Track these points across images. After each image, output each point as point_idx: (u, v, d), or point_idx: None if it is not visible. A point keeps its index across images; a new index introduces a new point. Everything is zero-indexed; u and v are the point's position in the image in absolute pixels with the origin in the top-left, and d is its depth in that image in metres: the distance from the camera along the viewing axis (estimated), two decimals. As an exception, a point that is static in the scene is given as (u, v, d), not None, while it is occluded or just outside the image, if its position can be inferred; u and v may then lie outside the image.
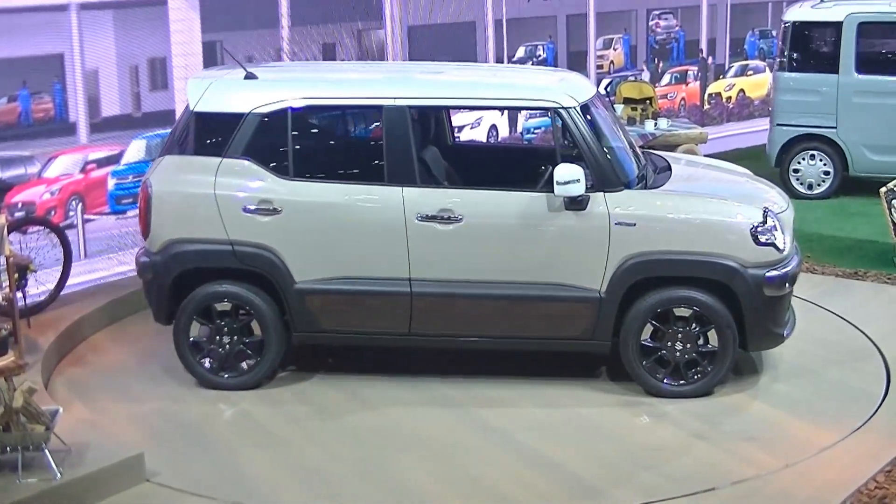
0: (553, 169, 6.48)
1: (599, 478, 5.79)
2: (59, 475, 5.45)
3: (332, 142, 7.32)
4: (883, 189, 9.33)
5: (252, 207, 6.75)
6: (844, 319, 8.00)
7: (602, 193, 6.57)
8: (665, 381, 6.72)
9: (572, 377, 7.02)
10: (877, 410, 6.52)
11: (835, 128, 11.77)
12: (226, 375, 6.96)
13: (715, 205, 6.72)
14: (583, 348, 6.87)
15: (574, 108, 6.71)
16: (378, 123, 6.92)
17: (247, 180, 6.79)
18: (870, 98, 11.60)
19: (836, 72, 11.71)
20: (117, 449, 5.84)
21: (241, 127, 6.81)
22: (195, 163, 6.88)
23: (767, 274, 6.56)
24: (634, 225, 6.54)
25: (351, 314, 6.85)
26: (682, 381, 6.71)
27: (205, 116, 6.90)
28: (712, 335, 6.65)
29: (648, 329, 6.67)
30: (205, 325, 6.92)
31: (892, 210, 9.28)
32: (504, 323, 6.77)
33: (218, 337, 6.92)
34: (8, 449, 5.45)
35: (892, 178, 11.26)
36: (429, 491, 5.69)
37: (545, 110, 6.96)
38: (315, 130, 7.14)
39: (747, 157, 13.30)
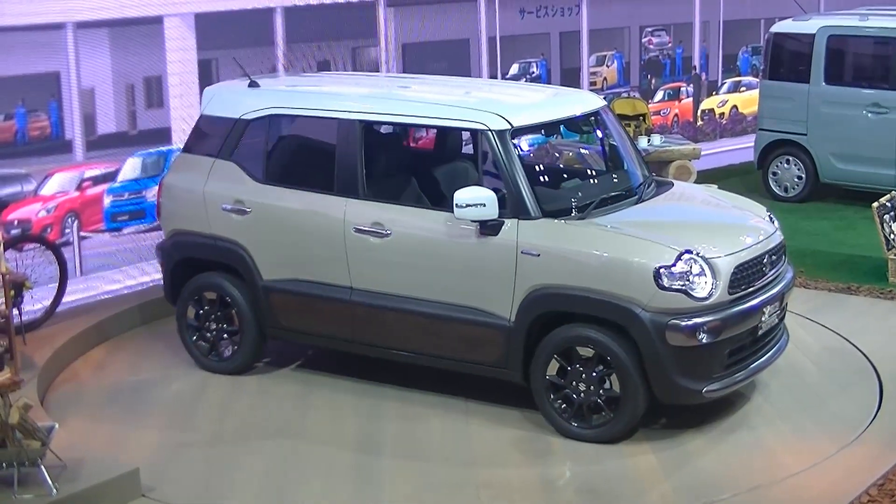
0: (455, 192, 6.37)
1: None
2: (54, 491, 5.47)
3: (298, 150, 7.52)
4: (875, 204, 9.37)
5: (228, 206, 7.26)
6: (837, 334, 8.03)
7: (516, 220, 6.40)
8: (572, 421, 6.40)
9: (500, 403, 6.86)
10: (870, 424, 6.54)
11: (805, 135, 12.05)
12: (212, 358, 7.51)
13: (621, 241, 6.28)
14: (496, 375, 6.69)
15: (503, 131, 6.51)
16: (336, 135, 7.06)
17: (229, 181, 7.31)
18: (836, 108, 11.87)
19: (808, 81, 12.03)
20: (113, 464, 5.86)
21: (231, 131, 7.33)
22: (197, 161, 7.53)
23: (670, 321, 6.06)
24: (539, 255, 6.32)
25: (304, 315, 7.16)
26: (583, 424, 6.38)
27: (209, 120, 7.54)
28: (615, 379, 6.27)
29: (556, 366, 6.39)
30: (199, 310, 7.48)
31: (885, 225, 9.31)
32: (425, 340, 6.78)
33: (206, 323, 7.47)
34: (3, 465, 5.46)
35: (856, 186, 11.55)
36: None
37: (471, 132, 6.74)
38: (285, 138, 7.47)
39: (739, 174, 13.40)
